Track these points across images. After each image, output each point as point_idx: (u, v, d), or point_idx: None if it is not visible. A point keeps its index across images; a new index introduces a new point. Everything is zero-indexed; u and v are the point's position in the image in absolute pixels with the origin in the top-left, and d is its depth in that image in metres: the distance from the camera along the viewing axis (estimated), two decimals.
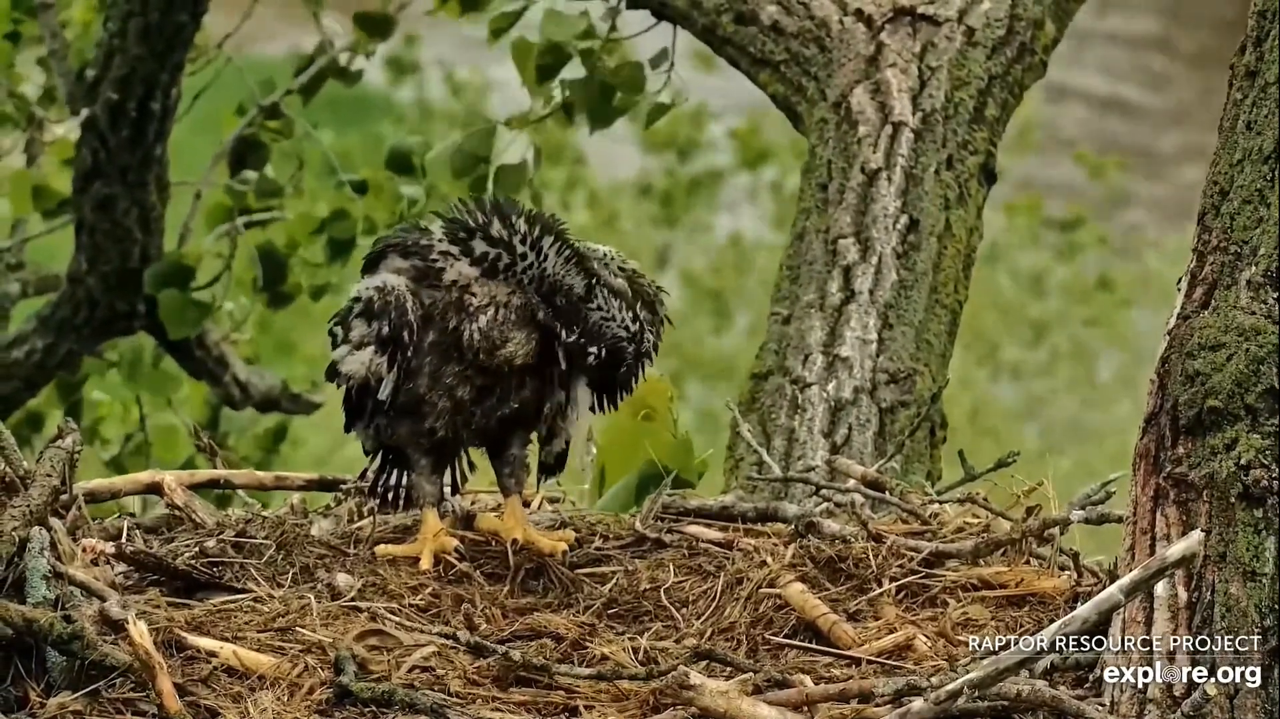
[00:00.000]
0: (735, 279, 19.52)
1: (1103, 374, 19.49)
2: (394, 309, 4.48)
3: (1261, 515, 3.80)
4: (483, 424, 4.61)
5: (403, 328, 4.48)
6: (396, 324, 4.48)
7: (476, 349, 4.49)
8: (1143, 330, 19.25)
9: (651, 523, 4.83)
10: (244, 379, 9.02)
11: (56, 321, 8.39)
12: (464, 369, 4.52)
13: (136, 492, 4.97)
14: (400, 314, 4.48)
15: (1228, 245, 3.91)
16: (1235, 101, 3.99)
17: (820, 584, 4.45)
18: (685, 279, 19.45)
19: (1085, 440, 18.12)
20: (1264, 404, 3.81)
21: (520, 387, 4.58)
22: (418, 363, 4.52)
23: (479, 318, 4.48)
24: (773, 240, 19.56)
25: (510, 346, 4.50)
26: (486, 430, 4.63)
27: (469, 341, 4.48)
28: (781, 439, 5.81)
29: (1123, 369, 19.22)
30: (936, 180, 6.14)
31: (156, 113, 7.88)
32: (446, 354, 4.52)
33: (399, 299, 4.48)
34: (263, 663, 3.98)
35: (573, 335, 4.49)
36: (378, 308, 4.50)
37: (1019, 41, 6.36)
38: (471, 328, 4.48)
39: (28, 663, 3.91)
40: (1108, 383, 19.26)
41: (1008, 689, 3.77)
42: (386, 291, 4.50)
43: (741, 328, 18.98)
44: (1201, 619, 3.82)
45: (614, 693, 3.96)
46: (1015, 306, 19.56)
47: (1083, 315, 20.02)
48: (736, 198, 20.88)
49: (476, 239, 4.49)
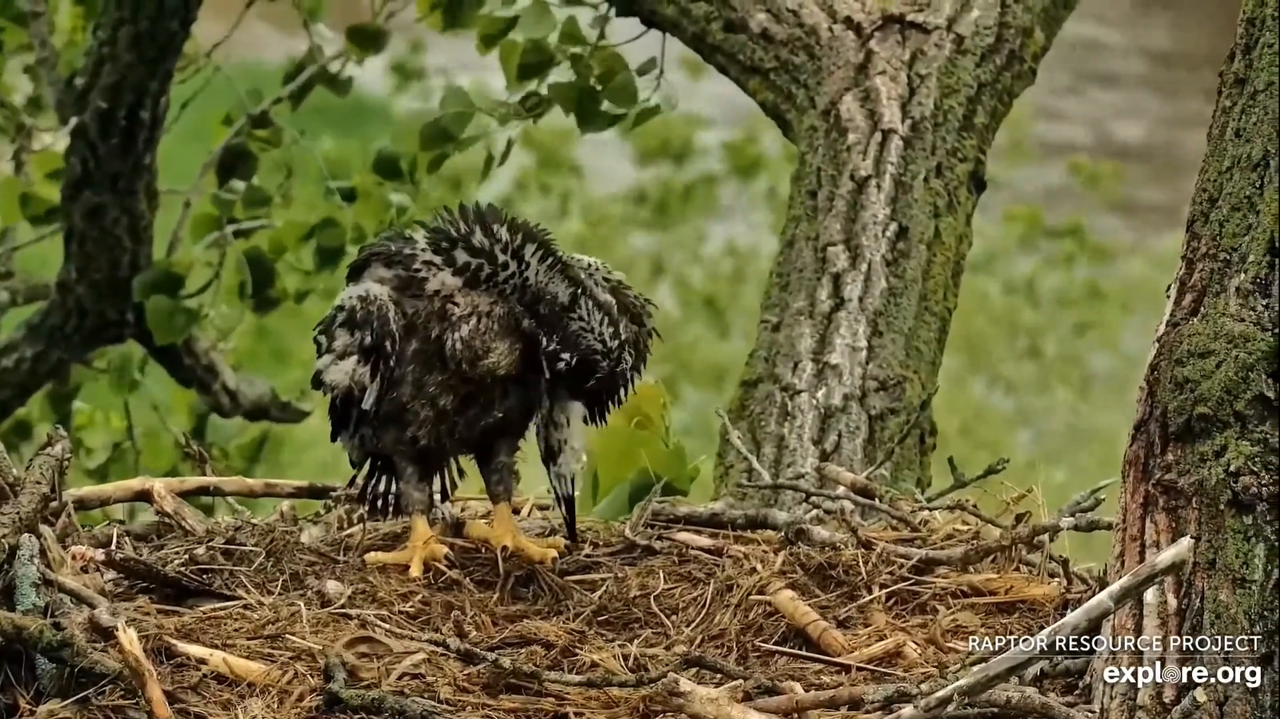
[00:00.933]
0: (730, 286, 19.54)
1: (1096, 382, 19.50)
2: (376, 319, 4.48)
3: (1251, 522, 3.80)
4: (466, 434, 4.61)
5: (385, 338, 4.48)
6: (379, 334, 4.48)
7: (459, 359, 4.49)
8: (1132, 337, 19.28)
9: (641, 530, 4.83)
10: (233, 387, 9.03)
11: (46, 330, 8.39)
12: (447, 378, 4.52)
13: (126, 499, 4.97)
14: (383, 324, 4.48)
15: (1217, 252, 3.92)
16: (1224, 109, 3.99)
17: (810, 591, 4.45)
18: (680, 286, 19.47)
19: (1079, 447, 18.15)
20: (1253, 411, 3.82)
21: (504, 396, 4.59)
22: (400, 372, 4.52)
23: (461, 327, 4.48)
24: (769, 248, 19.59)
25: (493, 357, 4.50)
26: (471, 439, 4.64)
27: (451, 352, 4.48)
28: (771, 446, 5.81)
29: (1115, 374, 19.25)
30: (926, 188, 6.14)
31: (146, 121, 7.88)
32: (429, 363, 4.52)
33: (381, 309, 4.48)
34: (252, 670, 3.97)
35: (552, 344, 4.48)
36: (360, 318, 4.50)
37: (1008, 49, 6.37)
38: (454, 338, 4.48)
39: (17, 670, 3.90)
40: (1099, 389, 19.28)
41: (997, 696, 3.77)
42: (369, 301, 4.50)
43: (737, 334, 19.01)
44: (1191, 626, 3.83)
45: (604, 700, 3.95)
46: (1006, 314, 19.57)
47: (1074, 320, 20.04)
48: (731, 205, 20.90)
49: (459, 249, 4.49)
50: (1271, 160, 3.87)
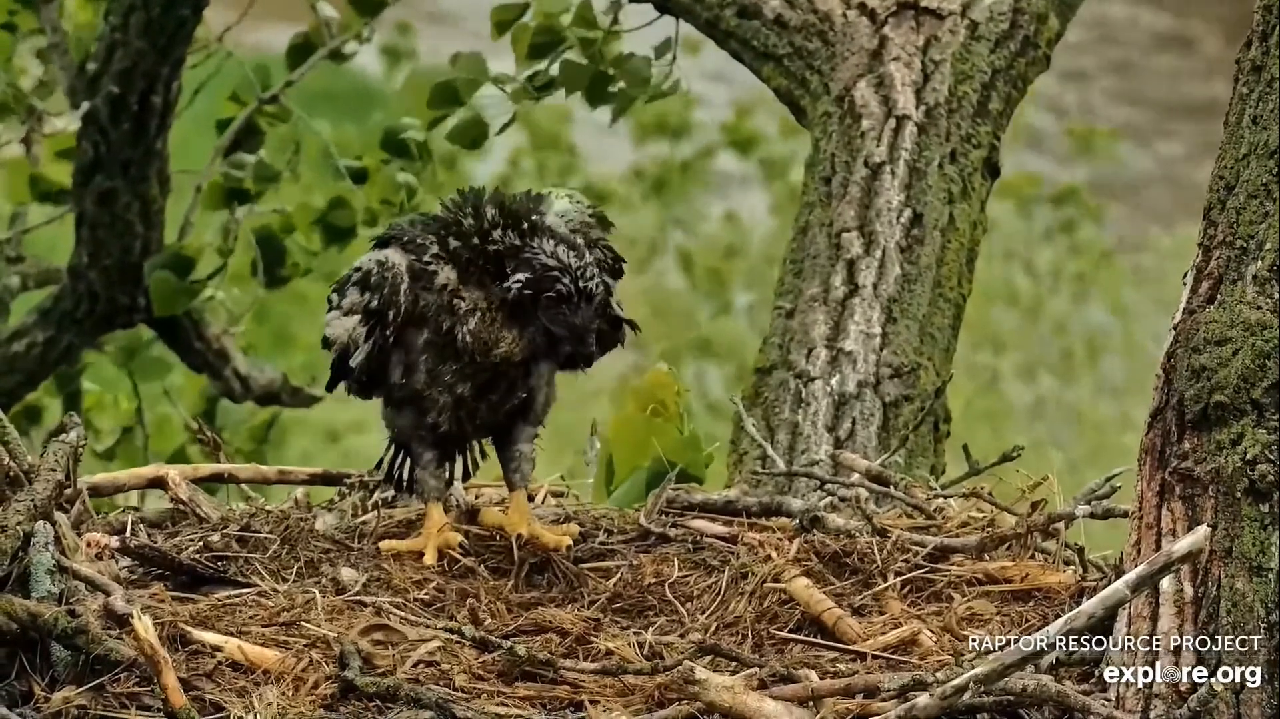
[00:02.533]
0: (731, 261, 19.57)
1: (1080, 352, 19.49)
2: (388, 285, 4.50)
3: (1268, 510, 3.80)
4: (489, 418, 4.62)
5: (390, 306, 4.50)
6: (386, 300, 4.50)
7: (472, 351, 4.49)
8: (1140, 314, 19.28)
9: (656, 517, 4.82)
10: (244, 372, 9.02)
11: (57, 315, 8.38)
12: (462, 368, 4.53)
13: (140, 486, 4.97)
14: (393, 291, 4.49)
15: (1233, 240, 3.91)
16: (1241, 96, 3.98)
17: (825, 579, 4.45)
18: (682, 260, 19.49)
19: (1085, 431, 18.14)
20: (1270, 399, 3.81)
21: (526, 376, 4.59)
22: (413, 358, 4.53)
23: (469, 321, 4.49)
24: (769, 224, 19.64)
25: (503, 346, 4.50)
26: (494, 423, 4.64)
27: (463, 345, 4.49)
28: (785, 433, 5.80)
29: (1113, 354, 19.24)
30: (940, 174, 6.13)
31: (158, 106, 7.87)
32: (443, 354, 4.52)
33: (396, 277, 4.50)
34: (268, 657, 3.97)
35: (510, 276, 4.44)
36: (374, 280, 4.52)
37: (1022, 35, 6.35)
38: (463, 331, 4.49)
39: (32, 658, 3.91)
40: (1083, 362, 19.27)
41: (1013, 684, 3.77)
42: (386, 266, 4.52)
43: (741, 308, 19.04)
44: (1207, 614, 3.82)
45: (619, 688, 3.95)
46: (1005, 288, 19.52)
47: (1072, 292, 20.01)
48: (729, 182, 20.91)
49: (453, 237, 4.50)
50: None
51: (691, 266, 19.40)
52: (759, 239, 19.58)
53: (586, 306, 4.46)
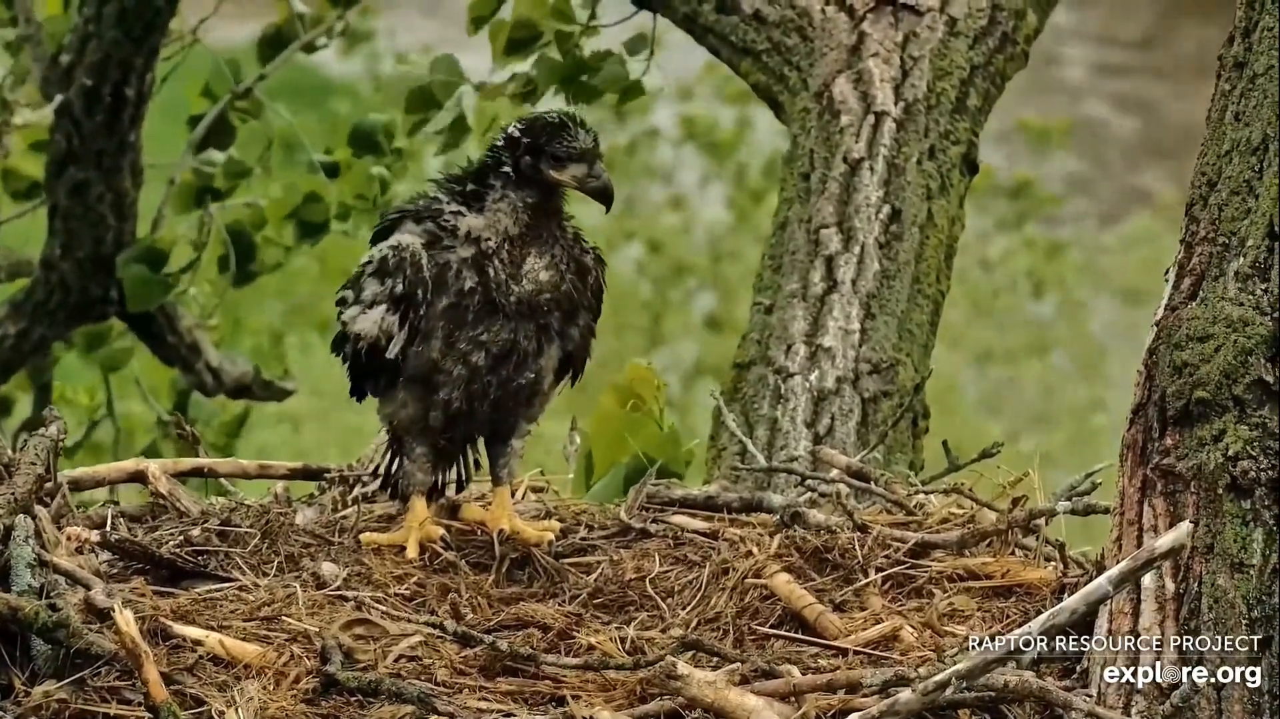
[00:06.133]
0: (680, 240, 19.68)
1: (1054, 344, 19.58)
2: (409, 265, 4.49)
3: (1249, 507, 3.80)
4: (498, 396, 4.57)
5: (418, 285, 4.49)
6: (412, 280, 4.49)
7: (505, 285, 4.47)
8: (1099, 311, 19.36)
9: (636, 513, 4.82)
10: (216, 365, 8.99)
11: (30, 307, 8.35)
12: (479, 334, 4.50)
13: (121, 480, 4.94)
14: (416, 271, 4.49)
15: (1215, 236, 3.92)
16: (1223, 93, 3.99)
17: (806, 574, 4.45)
18: (629, 239, 19.59)
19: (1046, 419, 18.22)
20: (1252, 395, 3.82)
21: (538, 353, 4.56)
22: (430, 326, 4.51)
23: (501, 252, 4.49)
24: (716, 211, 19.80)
25: (543, 275, 4.51)
26: (499, 410, 4.60)
27: (495, 279, 4.47)
28: (764, 429, 5.80)
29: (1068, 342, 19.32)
30: (919, 170, 6.13)
31: (131, 98, 7.84)
32: (460, 319, 4.50)
33: (414, 256, 4.50)
34: (249, 652, 3.96)
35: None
36: (392, 265, 4.52)
37: (1001, 32, 6.36)
38: (494, 264, 4.47)
39: (12, 651, 3.89)
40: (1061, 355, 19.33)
41: (995, 680, 3.77)
42: (401, 249, 4.52)
43: (691, 288, 19.17)
44: (1189, 611, 3.83)
45: (601, 683, 3.95)
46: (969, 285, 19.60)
47: (1029, 287, 20.08)
48: (674, 164, 21.03)
49: (469, 185, 4.52)
50: (1271, 144, 3.87)
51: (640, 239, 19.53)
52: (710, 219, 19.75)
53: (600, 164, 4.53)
